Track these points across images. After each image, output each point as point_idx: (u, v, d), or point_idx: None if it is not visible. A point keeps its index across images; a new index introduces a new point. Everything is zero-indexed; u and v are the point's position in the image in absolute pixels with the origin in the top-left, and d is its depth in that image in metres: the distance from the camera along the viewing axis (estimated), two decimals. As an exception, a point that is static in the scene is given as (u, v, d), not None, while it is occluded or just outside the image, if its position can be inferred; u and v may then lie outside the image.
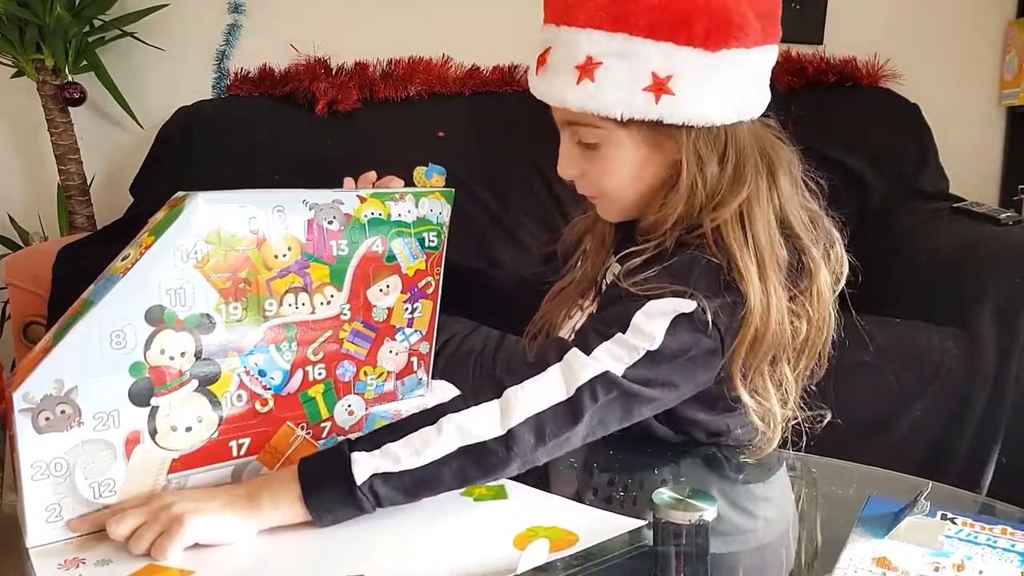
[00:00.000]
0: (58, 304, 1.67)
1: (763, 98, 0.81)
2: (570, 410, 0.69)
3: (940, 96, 2.12)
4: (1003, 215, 1.72)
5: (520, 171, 2.11)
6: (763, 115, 0.82)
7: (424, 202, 0.78)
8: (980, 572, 0.57)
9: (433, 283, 0.80)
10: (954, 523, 0.63)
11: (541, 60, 0.80)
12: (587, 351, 0.71)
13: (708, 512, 0.60)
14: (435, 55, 2.23)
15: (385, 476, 0.66)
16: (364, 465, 0.66)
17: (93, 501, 0.65)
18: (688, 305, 0.72)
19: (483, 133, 2.13)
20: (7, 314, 1.95)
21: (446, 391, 0.84)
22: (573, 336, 0.77)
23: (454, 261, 0.85)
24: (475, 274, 1.10)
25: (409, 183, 0.89)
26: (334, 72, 2.23)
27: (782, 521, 0.72)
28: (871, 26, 2.17)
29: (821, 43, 2.15)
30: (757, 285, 0.73)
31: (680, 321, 0.72)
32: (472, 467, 0.67)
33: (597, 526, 0.66)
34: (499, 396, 0.69)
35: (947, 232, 1.70)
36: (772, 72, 0.81)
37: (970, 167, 2.15)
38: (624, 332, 0.71)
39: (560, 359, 0.71)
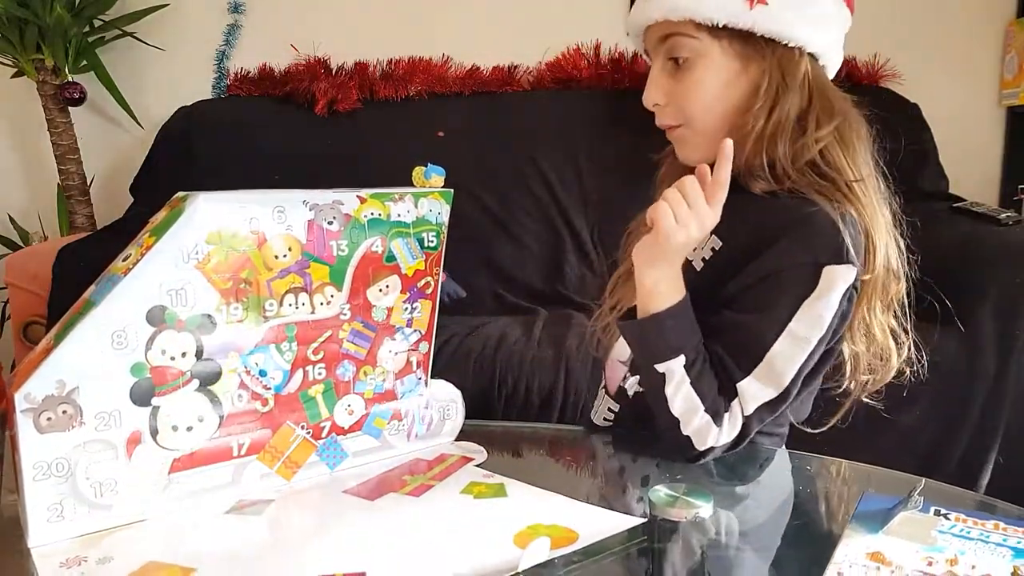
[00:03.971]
0: (58, 304, 1.68)
1: (839, 61, 0.86)
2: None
3: (940, 96, 2.12)
4: (1003, 215, 1.73)
5: (520, 171, 2.11)
6: None
7: (423, 202, 0.79)
8: (973, 567, 0.57)
9: (432, 283, 0.80)
10: (947, 519, 0.63)
11: None
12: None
13: (704, 509, 0.60)
14: (435, 55, 2.23)
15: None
16: None
17: (94, 501, 0.65)
18: (850, 273, 0.75)
19: (483, 133, 2.13)
20: (7, 314, 1.95)
21: (445, 391, 0.84)
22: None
23: None
24: None
25: (408, 183, 0.89)
26: (334, 72, 2.24)
27: (778, 517, 0.73)
28: (871, 26, 2.17)
29: (821, 43, 2.16)
30: (880, 208, 0.80)
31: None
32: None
33: (596, 524, 0.66)
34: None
35: (947, 232, 1.71)
36: None
37: (970, 167, 2.15)
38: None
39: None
